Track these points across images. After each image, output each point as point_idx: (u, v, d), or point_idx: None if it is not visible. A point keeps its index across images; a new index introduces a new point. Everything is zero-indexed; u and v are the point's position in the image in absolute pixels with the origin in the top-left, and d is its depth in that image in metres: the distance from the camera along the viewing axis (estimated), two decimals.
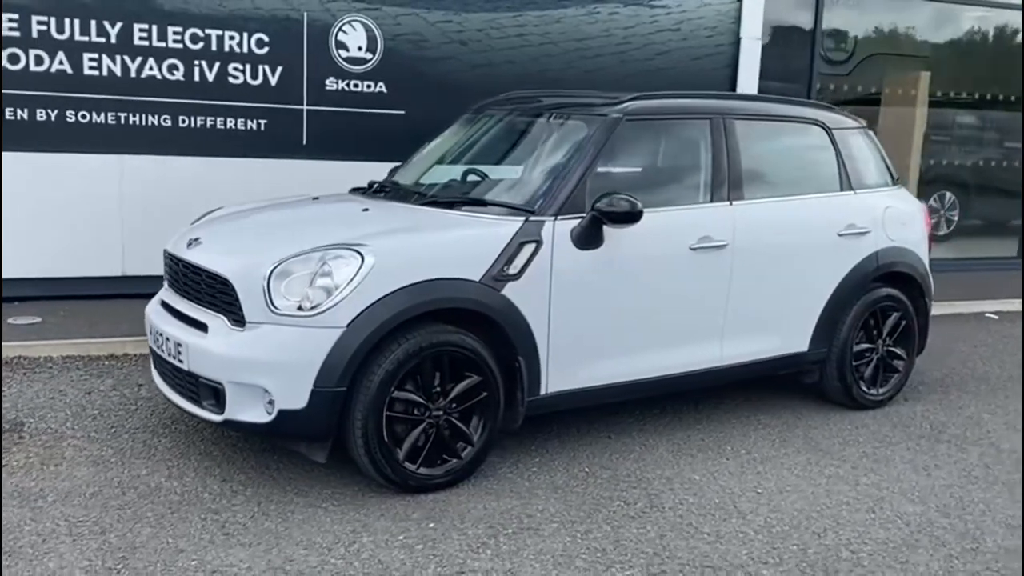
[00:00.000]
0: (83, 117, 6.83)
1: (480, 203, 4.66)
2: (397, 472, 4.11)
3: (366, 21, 7.48)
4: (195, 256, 4.38)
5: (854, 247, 5.47)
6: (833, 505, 4.31)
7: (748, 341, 5.16)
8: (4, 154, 6.66)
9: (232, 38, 7.13)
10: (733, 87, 8.78)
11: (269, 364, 3.95)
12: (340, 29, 7.41)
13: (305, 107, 7.39)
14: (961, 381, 6.44)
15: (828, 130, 5.57)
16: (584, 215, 4.50)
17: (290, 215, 4.76)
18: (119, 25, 6.82)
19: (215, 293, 4.20)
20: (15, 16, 6.57)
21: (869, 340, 5.65)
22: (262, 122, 7.30)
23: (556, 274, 4.43)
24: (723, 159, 5.06)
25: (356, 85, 7.50)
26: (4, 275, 6.70)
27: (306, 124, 7.39)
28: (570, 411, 5.09)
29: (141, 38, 6.89)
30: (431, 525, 3.92)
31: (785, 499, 4.35)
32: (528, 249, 4.35)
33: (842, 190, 5.56)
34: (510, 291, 4.29)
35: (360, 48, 7.49)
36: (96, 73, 6.82)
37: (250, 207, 5.03)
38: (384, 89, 7.58)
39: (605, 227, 4.52)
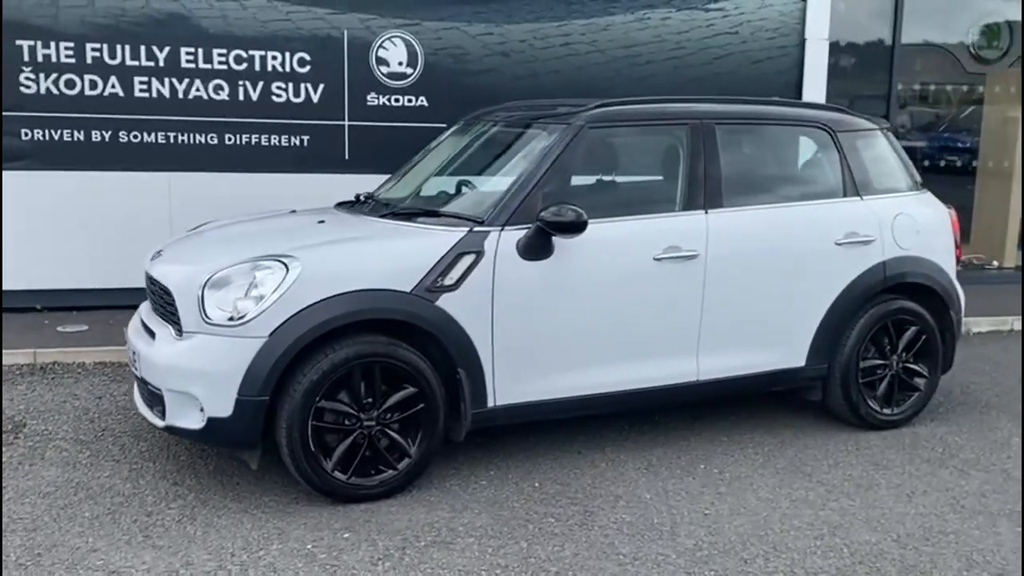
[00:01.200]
0: (135, 137, 7.23)
1: (436, 214, 4.66)
2: (324, 481, 4.15)
3: (406, 37, 7.60)
4: (153, 268, 4.57)
5: (856, 257, 5.14)
6: (781, 531, 4.06)
7: (730, 356, 4.93)
8: (62, 173, 7.12)
9: (275, 58, 7.39)
10: (799, 90, 8.42)
11: (199, 373, 4.07)
12: (380, 45, 7.56)
13: (347, 123, 7.57)
14: (999, 402, 5.94)
15: (833, 133, 5.26)
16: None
17: (252, 228, 4.89)
18: (167, 49, 7.19)
19: (163, 304, 4.37)
20: (71, 44, 7.04)
21: (881, 355, 5.29)
22: (305, 138, 7.52)
23: (499, 285, 4.37)
24: (700, 166, 4.86)
25: (397, 100, 7.63)
26: (60, 287, 7.18)
27: (348, 139, 7.57)
28: (552, 423, 5.04)
29: (188, 61, 7.24)
30: (346, 535, 3.93)
31: (731, 522, 4.13)
32: (467, 260, 4.31)
33: (846, 196, 5.23)
34: (446, 302, 4.26)
35: (400, 63, 7.61)
36: (146, 95, 7.21)
37: (227, 221, 5.19)
38: (425, 103, 7.67)
39: (556, 237, 4.43)
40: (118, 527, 3.97)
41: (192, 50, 7.24)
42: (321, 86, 7.49)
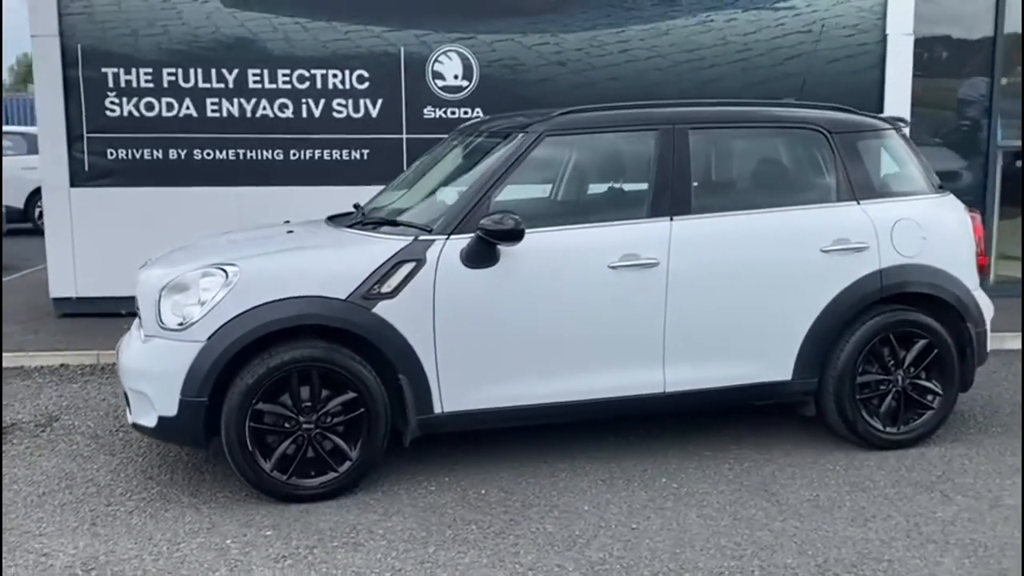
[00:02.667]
0: (207, 155, 7.74)
1: (395, 224, 4.77)
2: (262, 480, 4.33)
3: (461, 50, 7.75)
4: (138, 276, 4.91)
5: (847, 265, 4.85)
6: (701, 549, 3.90)
7: (700, 367, 4.76)
8: (143, 189, 7.71)
9: (335, 76, 7.72)
10: (880, 90, 7.96)
11: (150, 373, 4.36)
12: (436, 60, 7.75)
13: (404, 136, 7.80)
14: None
15: (828, 135, 4.98)
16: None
17: (230, 239, 5.13)
18: (236, 71, 7.66)
19: (136, 308, 4.70)
20: (149, 70, 7.62)
21: (884, 370, 4.96)
22: (365, 152, 7.81)
23: (441, 293, 4.42)
24: (667, 172, 4.74)
25: (453, 112, 7.79)
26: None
27: (406, 152, 7.79)
28: (536, 431, 5.05)
29: (255, 81, 7.68)
30: (268, 532, 4.10)
31: (654, 538, 4.01)
32: (405, 268, 4.39)
33: (840, 201, 4.95)
34: (383, 310, 4.36)
35: (456, 76, 7.78)
36: (217, 115, 7.70)
37: (221, 232, 5.48)
38: (481, 114, 7.79)
39: (501, 246, 4.45)
40: (75, 515, 4.29)
41: (258, 71, 7.68)
42: (379, 101, 7.76)
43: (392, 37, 7.72)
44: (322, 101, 7.73)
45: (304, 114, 7.74)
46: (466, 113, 7.79)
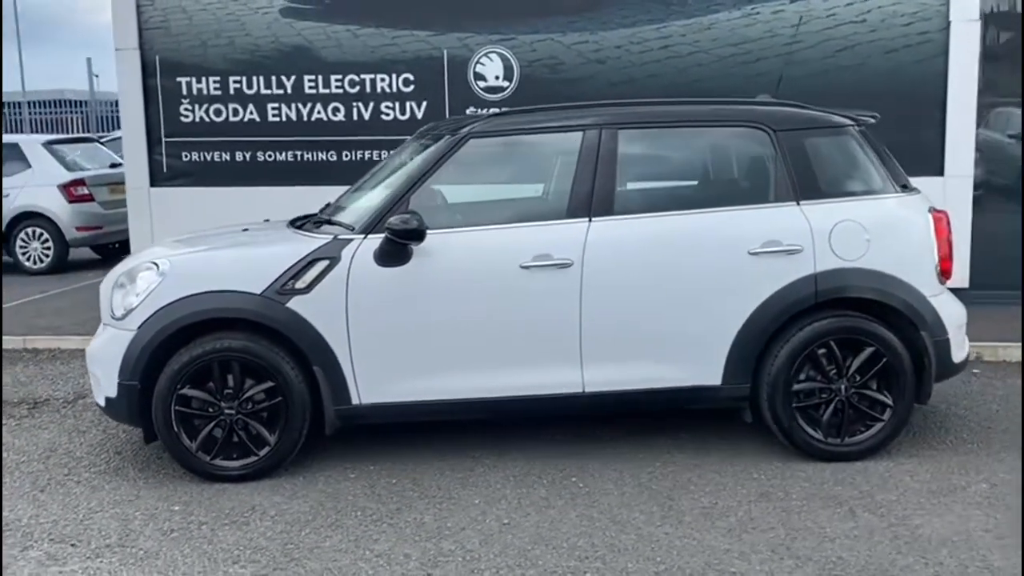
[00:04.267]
0: (269, 156, 8.28)
1: (331, 223, 5.02)
2: (187, 460, 4.70)
3: (502, 52, 7.90)
4: None
5: (778, 268, 4.68)
6: (550, 549, 3.93)
7: (622, 369, 4.73)
8: (212, 189, 8.34)
9: (383, 80, 8.06)
10: (944, 81, 7.46)
11: (99, 359, 4.81)
12: (478, 62, 7.94)
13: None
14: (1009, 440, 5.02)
15: (772, 132, 4.81)
16: None
17: (189, 236, 5.45)
18: (293, 78, 8.15)
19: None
20: (217, 78, 8.23)
21: (824, 378, 4.76)
22: None
23: (353, 290, 4.63)
24: (589, 173, 4.74)
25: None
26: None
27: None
28: (484, 425, 5.21)
29: (310, 87, 8.14)
30: (176, 507, 4.45)
31: (516, 535, 4.06)
32: (320, 266, 4.63)
33: (778, 201, 4.77)
34: (297, 304, 4.62)
35: (497, 77, 7.94)
36: (278, 119, 8.22)
37: (196, 232, 5.84)
38: None
39: (413, 245, 4.62)
40: (31, 482, 4.81)
41: (313, 77, 8.13)
42: (424, 103, 8.04)
43: (436, 41, 7.97)
44: (371, 104, 8.09)
45: (355, 117, 8.12)
46: None
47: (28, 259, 11.54)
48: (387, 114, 8.09)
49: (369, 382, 4.71)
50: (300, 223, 5.20)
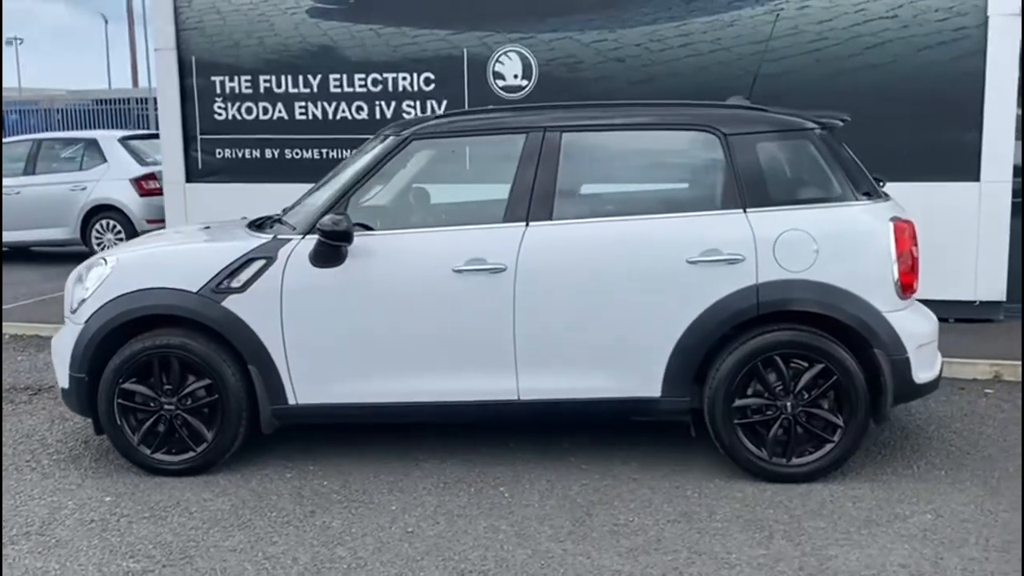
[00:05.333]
0: (296, 154, 8.42)
1: (280, 223, 5.05)
2: (131, 453, 4.82)
3: (521, 50, 7.81)
4: None
5: (717, 277, 4.46)
6: (442, 570, 3.85)
7: (558, 377, 4.61)
8: (243, 185, 8.53)
9: (404, 79, 8.09)
10: (982, 80, 6.99)
11: (56, 351, 4.98)
12: (497, 60, 7.87)
13: None
14: (971, 464, 4.66)
15: (723, 137, 4.59)
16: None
17: (156, 234, 5.60)
18: (319, 77, 8.26)
19: None
20: (249, 77, 8.42)
21: (770, 395, 4.52)
22: None
23: (287, 290, 4.65)
24: (529, 177, 4.62)
25: None
26: None
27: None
28: (437, 429, 5.19)
29: (335, 86, 8.24)
30: (108, 499, 4.57)
31: (412, 543, 4.01)
32: (256, 265, 4.67)
33: (723, 208, 4.55)
34: (232, 303, 4.67)
35: (516, 76, 7.85)
36: (304, 118, 8.35)
37: (178, 228, 5.98)
38: None
39: (345, 246, 4.61)
40: None
41: (338, 76, 8.22)
42: (445, 102, 8.02)
43: (456, 39, 7.94)
44: (393, 103, 8.13)
45: (378, 115, 8.17)
46: None
47: (102, 249, 12.07)
48: (408, 112, 8.11)
49: (305, 383, 4.72)
50: (259, 222, 5.25)
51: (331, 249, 4.61)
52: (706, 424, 4.59)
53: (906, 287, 4.50)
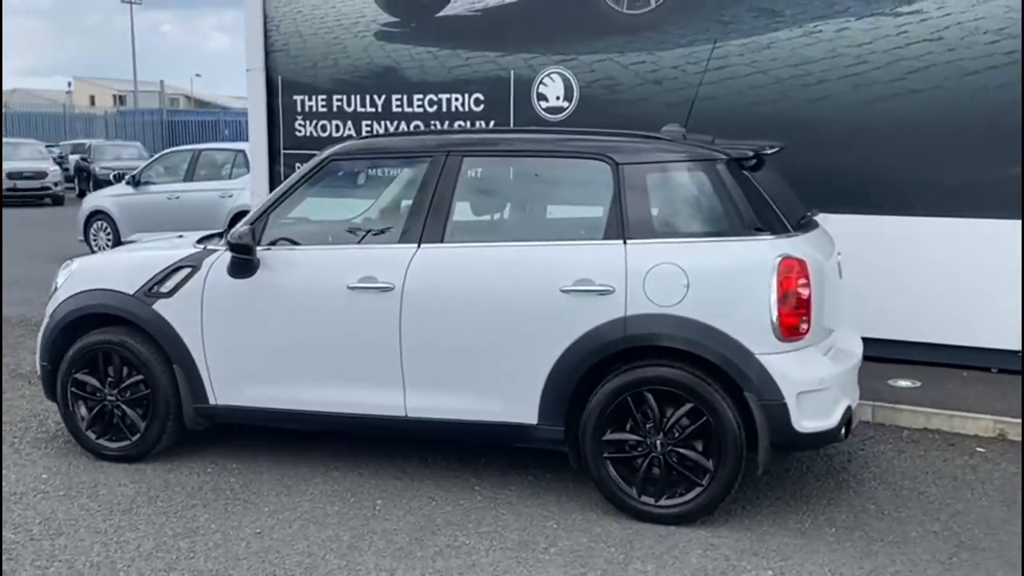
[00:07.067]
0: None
1: (221, 236, 5.41)
2: (79, 437, 5.32)
3: (563, 72, 7.85)
4: None
5: (588, 308, 4.39)
6: (248, 563, 4.06)
7: (439, 398, 4.69)
8: (323, 200, 9.03)
9: (457, 99, 8.32)
10: None
11: (37, 341, 5.59)
12: (541, 82, 7.95)
13: None
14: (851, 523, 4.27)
15: (616, 166, 4.51)
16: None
17: (137, 239, 6.09)
18: (383, 97, 8.65)
19: None
20: (324, 96, 8.93)
21: (641, 431, 4.40)
22: None
23: (207, 297, 5.01)
24: (427, 199, 4.74)
25: None
26: None
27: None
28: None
29: (396, 105, 8.59)
30: (44, 476, 5.07)
31: (245, 543, 4.23)
32: (182, 273, 5.06)
33: (607, 238, 4.47)
34: (161, 307, 5.07)
35: (558, 97, 7.90)
36: (370, 136, 8.75)
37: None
38: None
39: (254, 258, 4.91)
40: None
41: (400, 96, 8.57)
42: (492, 123, 8.18)
43: (504, 61, 8.08)
44: (446, 123, 8.37)
45: None
46: None
47: None
48: None
49: (222, 384, 5.05)
50: (210, 235, 5.65)
51: (242, 261, 4.92)
52: (578, 456, 4.53)
53: (787, 328, 4.25)
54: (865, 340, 5.13)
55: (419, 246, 4.71)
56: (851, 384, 4.62)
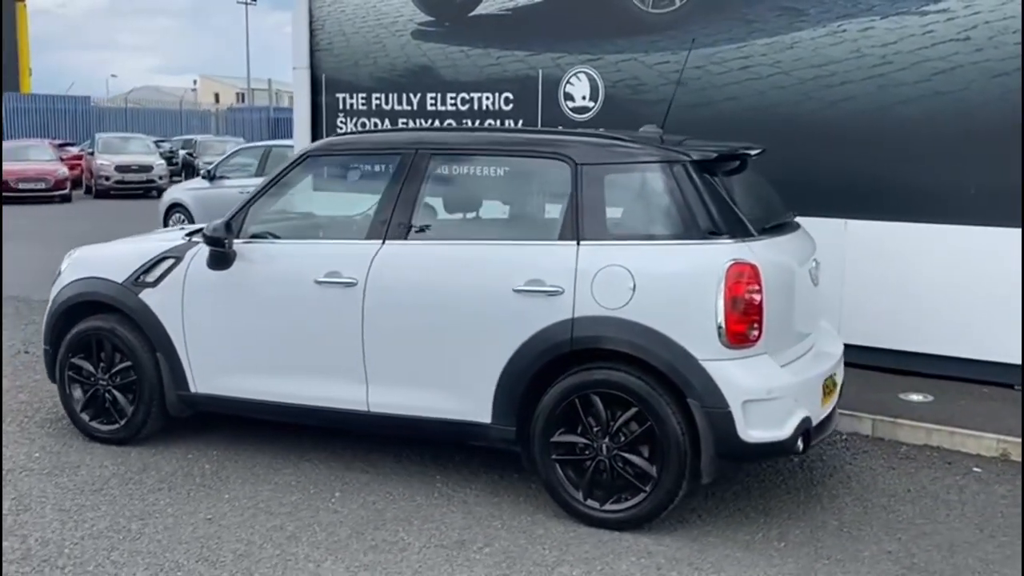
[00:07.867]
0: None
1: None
2: (74, 418, 5.55)
3: (589, 71, 7.79)
4: None
5: (538, 309, 4.36)
6: (191, 551, 4.17)
7: (399, 393, 4.73)
8: (353, 195, 9.20)
9: (487, 98, 8.34)
10: None
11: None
12: (568, 81, 7.91)
13: None
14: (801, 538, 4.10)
15: (575, 166, 4.46)
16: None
17: (144, 234, 6.25)
18: (418, 95, 8.73)
19: None
20: (364, 95, 9.07)
21: (587, 434, 4.35)
22: None
23: (188, 288, 5.16)
24: (394, 196, 4.79)
25: None
26: None
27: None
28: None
29: (431, 103, 8.66)
30: (36, 455, 5.30)
31: (168, 529, 4.35)
32: (166, 264, 5.22)
33: (562, 238, 4.42)
34: (147, 296, 5.25)
35: (584, 97, 7.85)
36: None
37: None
38: None
39: (228, 251, 5.04)
40: None
41: (434, 95, 8.64)
42: (520, 121, 8.18)
43: (533, 60, 8.06)
44: (477, 121, 8.40)
45: None
46: None
47: None
48: None
49: (201, 373, 5.20)
50: (199, 228, 5.80)
51: (218, 254, 5.05)
52: (529, 456, 4.51)
53: (734, 335, 4.13)
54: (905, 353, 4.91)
55: (384, 242, 4.75)
56: (812, 393, 4.45)
